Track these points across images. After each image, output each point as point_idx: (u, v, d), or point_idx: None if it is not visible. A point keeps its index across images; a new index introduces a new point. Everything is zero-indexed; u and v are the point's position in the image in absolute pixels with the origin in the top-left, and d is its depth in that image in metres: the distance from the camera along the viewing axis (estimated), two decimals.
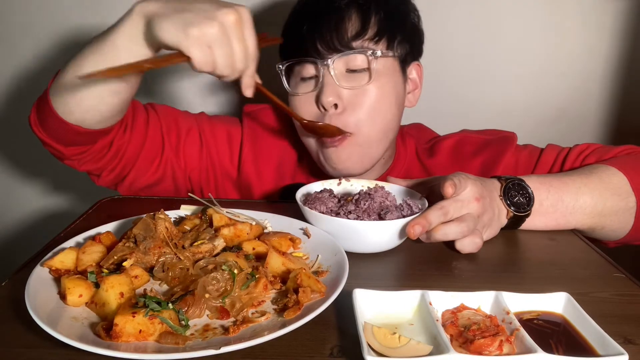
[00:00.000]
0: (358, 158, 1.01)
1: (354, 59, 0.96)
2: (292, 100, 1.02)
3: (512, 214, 0.85)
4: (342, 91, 0.96)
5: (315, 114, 0.99)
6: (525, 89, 1.46)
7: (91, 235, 0.77)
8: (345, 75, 0.97)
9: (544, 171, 1.03)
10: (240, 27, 0.73)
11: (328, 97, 0.95)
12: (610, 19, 1.39)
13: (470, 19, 1.40)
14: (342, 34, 0.95)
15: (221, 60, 0.73)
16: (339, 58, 0.96)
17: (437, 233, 0.77)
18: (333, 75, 0.96)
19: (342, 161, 1.00)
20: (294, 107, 1.01)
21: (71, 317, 0.59)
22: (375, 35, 0.97)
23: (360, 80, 0.97)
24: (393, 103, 1.00)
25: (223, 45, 0.72)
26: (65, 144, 0.94)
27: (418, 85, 1.08)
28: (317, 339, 0.58)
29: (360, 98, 0.97)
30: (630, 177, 0.89)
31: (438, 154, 1.11)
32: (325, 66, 0.96)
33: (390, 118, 1.01)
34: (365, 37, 0.96)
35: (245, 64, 0.76)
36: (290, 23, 1.02)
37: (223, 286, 0.63)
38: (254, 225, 0.80)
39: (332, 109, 0.96)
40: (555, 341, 0.57)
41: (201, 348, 0.52)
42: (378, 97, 0.97)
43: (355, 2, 0.97)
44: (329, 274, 0.69)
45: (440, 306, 0.62)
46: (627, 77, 1.44)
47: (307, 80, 1.00)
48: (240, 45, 0.73)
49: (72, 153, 0.96)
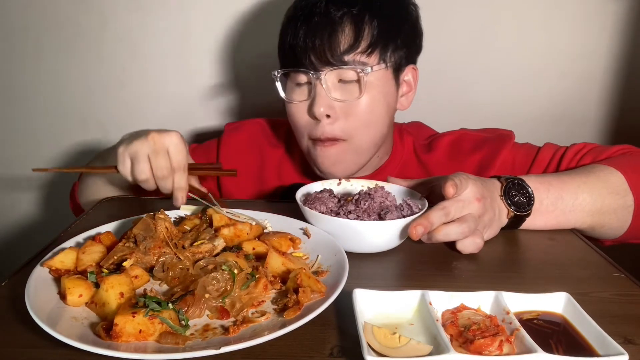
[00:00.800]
0: (345, 164, 1.03)
1: (345, 73, 0.97)
2: (287, 105, 1.04)
3: (513, 214, 0.85)
4: (334, 103, 0.98)
5: (309, 122, 1.01)
6: (525, 89, 1.46)
7: (91, 235, 0.77)
8: (338, 85, 0.98)
9: (540, 169, 1.03)
10: (166, 146, 0.87)
11: (319, 107, 0.96)
12: (610, 19, 1.39)
13: (469, 18, 1.40)
14: (334, 47, 0.95)
15: (138, 170, 0.87)
16: (330, 71, 0.97)
17: (439, 234, 0.77)
18: (325, 88, 0.97)
19: (330, 164, 1.02)
20: (290, 112, 1.03)
21: (71, 317, 0.59)
22: (368, 48, 0.96)
23: (352, 93, 0.98)
24: (384, 113, 1.01)
25: (142, 159, 0.87)
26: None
27: (412, 88, 1.08)
28: (317, 339, 0.58)
29: (352, 109, 0.98)
30: (628, 176, 0.90)
31: (435, 150, 1.12)
32: (317, 79, 0.97)
33: (381, 127, 1.02)
34: (357, 51, 0.96)
35: (166, 174, 0.87)
36: (286, 30, 1.02)
37: (223, 286, 0.63)
38: (254, 225, 0.80)
39: (325, 118, 0.98)
40: (555, 341, 0.57)
41: (201, 348, 0.52)
42: (370, 109, 0.99)
43: (349, 12, 0.96)
44: (329, 274, 0.69)
45: (440, 306, 0.62)
46: (626, 77, 1.44)
47: (301, 86, 1.01)
48: (162, 160, 0.87)
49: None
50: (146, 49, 1.44)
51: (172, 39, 1.43)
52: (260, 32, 1.42)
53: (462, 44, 1.42)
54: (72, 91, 1.50)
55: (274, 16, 1.12)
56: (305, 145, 1.05)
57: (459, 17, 1.40)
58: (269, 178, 1.17)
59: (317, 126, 0.99)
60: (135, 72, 1.47)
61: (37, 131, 1.53)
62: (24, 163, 1.57)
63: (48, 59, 1.47)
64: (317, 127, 0.99)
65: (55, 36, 1.45)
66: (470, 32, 1.40)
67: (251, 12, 1.41)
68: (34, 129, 1.53)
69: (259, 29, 1.42)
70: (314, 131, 1.00)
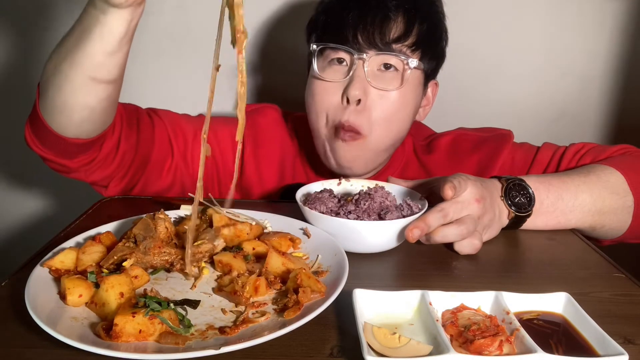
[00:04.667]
0: (363, 161, 1.01)
1: (390, 59, 0.96)
2: (314, 84, 1.00)
3: (514, 215, 0.85)
4: (370, 89, 0.96)
5: (335, 104, 0.97)
6: (525, 89, 1.46)
7: (91, 235, 0.77)
8: (376, 73, 0.97)
9: (540, 169, 1.03)
10: None
11: (356, 90, 0.94)
12: (610, 19, 1.39)
13: (469, 18, 1.40)
14: (385, 32, 0.95)
15: None
16: (376, 55, 0.95)
17: (437, 235, 0.77)
18: (366, 71, 0.95)
19: (348, 160, 1.00)
20: (316, 91, 0.99)
21: (71, 317, 0.59)
22: (414, 45, 0.97)
23: (389, 84, 0.96)
24: (409, 114, 1.01)
25: None
26: (69, 157, 0.91)
27: (430, 102, 1.09)
28: (317, 339, 0.58)
29: (384, 101, 0.96)
30: (628, 177, 0.90)
31: (435, 151, 1.12)
32: (360, 60, 0.95)
33: (403, 128, 1.02)
34: (405, 43, 0.96)
35: None
36: (333, 4, 1.00)
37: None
38: (254, 225, 0.80)
39: (356, 104, 0.95)
40: (555, 341, 0.57)
41: (201, 348, 0.52)
42: (400, 105, 0.98)
43: (402, 6, 0.96)
44: (329, 274, 0.69)
45: (440, 306, 0.62)
46: (627, 77, 1.44)
47: (336, 66, 0.98)
48: None
49: (79, 165, 0.92)
50: (146, 49, 1.44)
51: (172, 39, 1.43)
52: (260, 33, 1.42)
53: (462, 44, 1.41)
54: None
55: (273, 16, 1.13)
56: (323, 136, 1.01)
57: (458, 16, 1.40)
58: (287, 171, 1.13)
59: (344, 111, 0.96)
60: (136, 72, 1.46)
61: None
62: (24, 163, 1.57)
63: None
64: (344, 111, 0.96)
65: (55, 36, 1.45)
66: (470, 32, 1.40)
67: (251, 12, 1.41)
68: None
69: (259, 29, 1.42)
70: (339, 115, 0.97)
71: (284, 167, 1.13)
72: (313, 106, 1.01)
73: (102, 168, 0.95)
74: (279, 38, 1.41)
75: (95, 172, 0.95)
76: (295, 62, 1.30)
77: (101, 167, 0.95)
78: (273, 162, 1.12)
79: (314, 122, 1.02)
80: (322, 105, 0.99)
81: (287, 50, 1.39)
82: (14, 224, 1.64)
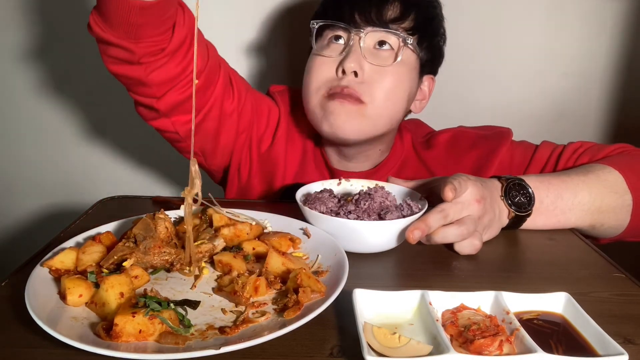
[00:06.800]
0: (357, 124, 0.99)
1: (385, 37, 0.99)
2: (313, 60, 1.03)
3: (514, 214, 0.86)
4: (365, 63, 0.98)
5: (329, 78, 1.00)
6: (525, 89, 1.46)
7: (91, 235, 0.77)
8: (372, 51, 0.99)
9: (538, 168, 1.04)
10: None
11: (351, 62, 0.97)
12: (610, 19, 1.39)
13: (469, 18, 1.40)
14: (382, 12, 0.98)
15: None
16: (372, 32, 0.98)
17: (437, 236, 0.77)
18: (362, 47, 0.98)
19: (344, 119, 0.98)
20: (313, 67, 1.02)
21: (71, 317, 0.59)
22: (410, 29, 1.00)
23: (385, 61, 0.99)
24: (404, 97, 1.02)
25: None
26: (135, 38, 0.83)
27: (426, 97, 1.11)
28: (317, 339, 0.58)
29: (380, 76, 0.98)
30: (626, 176, 0.90)
31: (434, 147, 1.12)
32: (357, 35, 0.98)
33: (399, 108, 1.03)
34: (401, 25, 0.99)
35: None
36: None
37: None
38: (254, 225, 0.80)
39: (352, 75, 0.97)
40: (555, 341, 0.57)
41: (201, 348, 0.52)
42: (395, 83, 1.00)
43: None
44: (329, 274, 0.69)
45: (440, 306, 0.62)
46: (627, 77, 1.44)
47: (334, 44, 1.01)
48: None
49: (144, 51, 0.85)
50: None
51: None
52: (261, 32, 1.42)
53: (462, 43, 1.41)
54: (72, 91, 1.50)
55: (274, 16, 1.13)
56: (315, 102, 1.01)
57: (458, 16, 1.40)
58: (308, 156, 1.14)
59: (339, 81, 0.98)
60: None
61: (36, 131, 1.53)
62: (24, 163, 1.57)
63: (47, 59, 1.47)
64: (339, 81, 0.98)
65: (55, 36, 1.45)
66: (470, 32, 1.40)
67: (253, 12, 1.41)
68: (33, 129, 1.53)
69: (260, 29, 1.42)
70: (336, 84, 0.98)
71: (306, 151, 1.14)
72: (308, 79, 1.03)
73: (167, 64, 0.88)
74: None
75: (159, 69, 0.88)
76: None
77: (167, 62, 0.88)
78: (298, 144, 1.13)
79: (307, 96, 1.03)
80: (317, 77, 1.01)
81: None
82: (14, 224, 1.64)
